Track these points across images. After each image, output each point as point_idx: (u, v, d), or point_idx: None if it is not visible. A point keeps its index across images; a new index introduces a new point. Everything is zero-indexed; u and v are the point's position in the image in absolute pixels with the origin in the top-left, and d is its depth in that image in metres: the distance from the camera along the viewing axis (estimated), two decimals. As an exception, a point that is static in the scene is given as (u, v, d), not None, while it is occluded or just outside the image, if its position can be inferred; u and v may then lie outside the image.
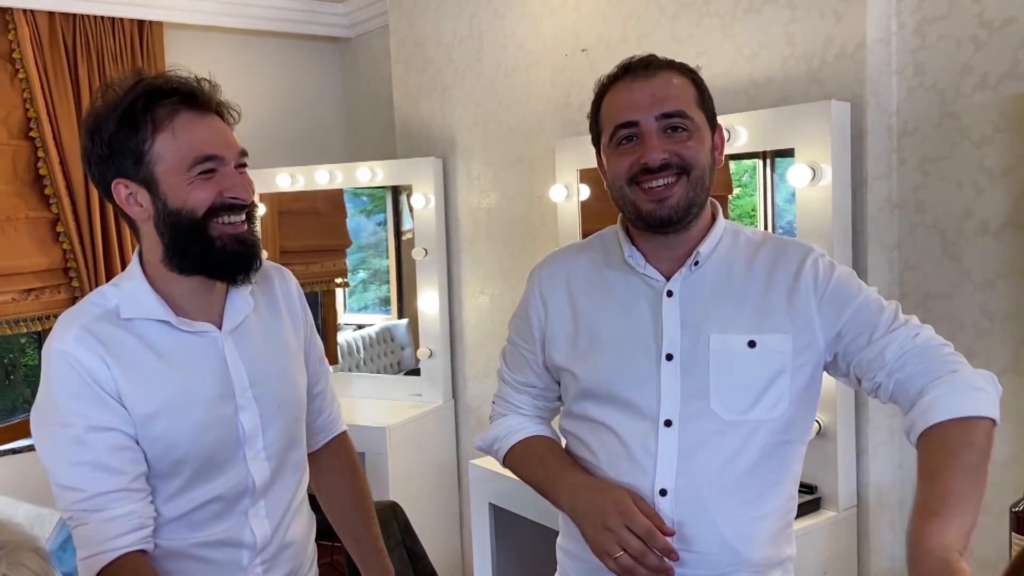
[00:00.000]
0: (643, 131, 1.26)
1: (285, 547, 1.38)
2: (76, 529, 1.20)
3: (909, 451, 2.06)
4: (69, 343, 1.21)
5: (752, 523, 1.29)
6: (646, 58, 1.32)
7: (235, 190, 1.24)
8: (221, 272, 1.27)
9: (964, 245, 1.96)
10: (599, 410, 1.33)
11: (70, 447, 1.19)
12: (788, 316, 1.29)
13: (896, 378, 1.22)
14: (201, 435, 1.26)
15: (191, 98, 1.23)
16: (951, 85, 1.95)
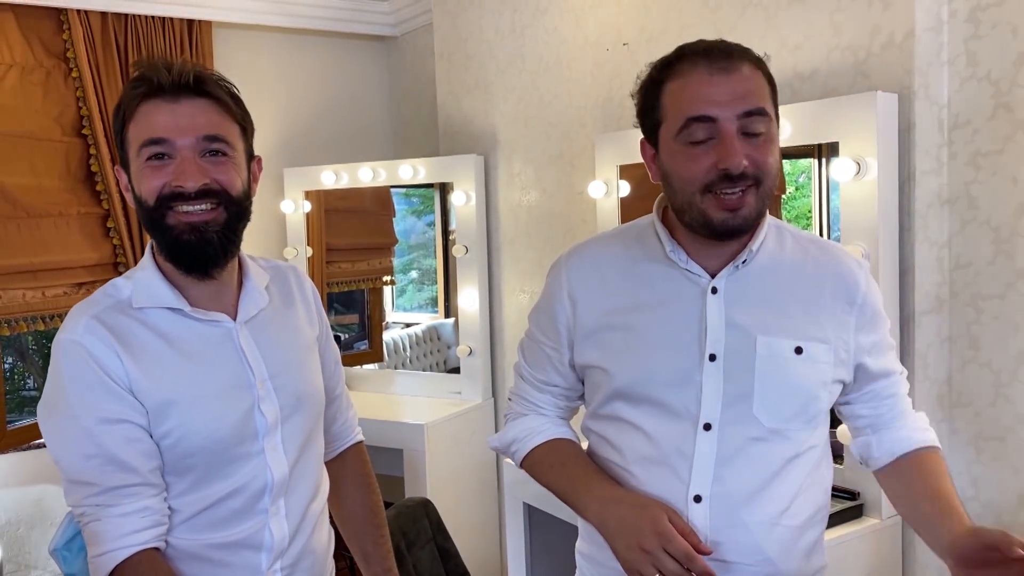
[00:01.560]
0: (722, 131, 1.16)
1: (305, 555, 1.34)
2: (88, 526, 1.18)
3: (956, 458, 1.98)
4: (80, 333, 1.20)
5: (787, 532, 1.24)
6: (725, 46, 1.20)
7: (180, 177, 1.19)
8: (179, 262, 1.23)
9: (1018, 243, 1.87)
10: (632, 411, 1.27)
11: (80, 440, 1.18)
12: (832, 326, 1.25)
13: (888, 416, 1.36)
14: (216, 426, 1.23)
15: (155, 84, 1.20)
16: (1006, 75, 1.86)
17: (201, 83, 1.21)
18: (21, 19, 3.25)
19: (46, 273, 3.27)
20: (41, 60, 3.30)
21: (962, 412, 1.99)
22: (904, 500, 1.33)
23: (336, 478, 1.49)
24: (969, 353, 1.97)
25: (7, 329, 3.21)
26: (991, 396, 1.93)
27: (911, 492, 1.31)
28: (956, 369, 2.00)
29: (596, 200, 2.70)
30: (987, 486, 1.96)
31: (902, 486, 1.33)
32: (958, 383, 2.00)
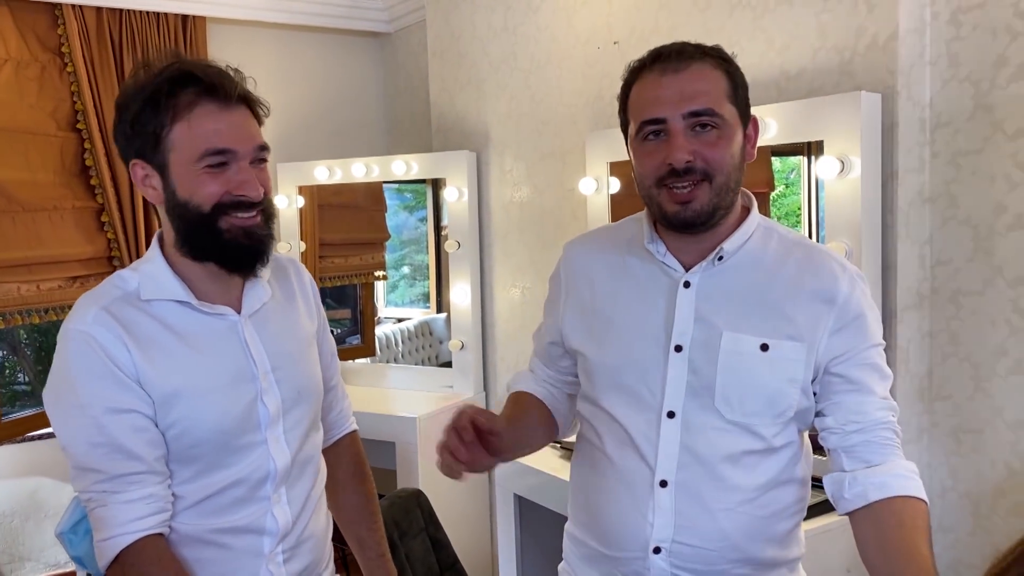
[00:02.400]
0: (670, 129, 1.21)
1: (305, 539, 1.38)
2: (94, 511, 1.21)
3: (938, 450, 2.03)
4: (88, 323, 1.22)
5: (754, 521, 1.27)
6: (679, 46, 1.26)
7: (244, 187, 1.23)
8: (227, 263, 1.27)
9: (997, 240, 1.91)
10: (606, 396, 1.33)
11: (88, 428, 1.20)
12: (807, 325, 1.26)
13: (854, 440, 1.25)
14: (221, 417, 1.26)
15: (213, 89, 1.22)
16: (985, 76, 1.91)
17: (246, 92, 1.26)
18: (16, 14, 3.27)
19: (41, 267, 3.30)
20: (36, 55, 3.32)
21: (942, 405, 2.04)
22: (872, 549, 1.19)
23: (331, 466, 1.52)
24: (949, 348, 2.02)
25: (2, 322, 3.23)
26: (970, 389, 1.98)
27: (884, 544, 1.18)
28: (936, 363, 2.05)
29: (587, 196, 2.74)
30: (965, 477, 2.01)
31: (874, 542, 1.19)
32: (938, 377, 2.04)
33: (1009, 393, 1.91)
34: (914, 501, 1.21)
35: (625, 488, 1.29)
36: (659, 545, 1.26)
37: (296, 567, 1.36)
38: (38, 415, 3.51)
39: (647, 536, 1.26)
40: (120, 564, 1.19)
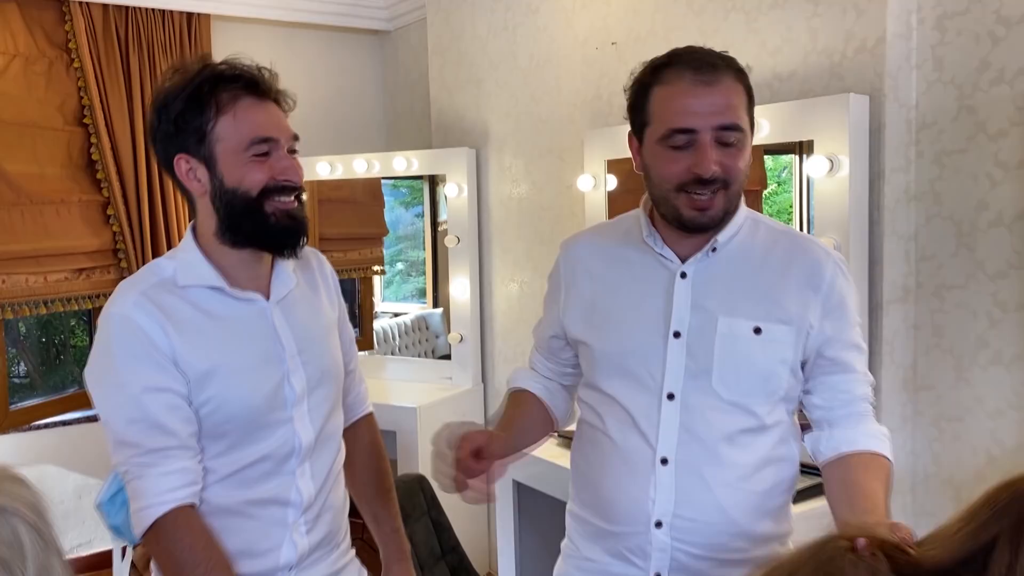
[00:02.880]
0: (699, 140, 1.27)
1: (326, 511, 1.46)
2: (131, 482, 1.28)
3: (921, 437, 2.12)
4: (129, 307, 1.29)
5: (751, 497, 1.36)
6: (709, 57, 1.30)
7: (287, 173, 1.33)
8: (272, 244, 1.36)
9: (979, 236, 2.00)
10: (608, 381, 1.41)
11: (127, 405, 1.28)
12: (796, 309, 1.35)
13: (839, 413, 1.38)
14: (251, 395, 1.34)
15: (252, 85, 1.32)
16: (969, 80, 1.99)
17: (278, 89, 1.36)
18: (24, 10, 3.34)
19: (48, 259, 3.37)
20: (44, 50, 3.39)
21: (926, 394, 2.13)
22: (835, 495, 1.33)
23: (349, 447, 1.60)
24: (932, 339, 2.11)
25: (10, 313, 3.30)
26: (952, 379, 2.07)
27: (844, 482, 1.31)
28: (920, 354, 2.13)
29: (584, 193, 2.82)
30: (947, 463, 2.09)
31: (837, 482, 1.33)
32: (922, 367, 2.13)
33: (989, 383, 2.00)
34: (879, 456, 1.34)
35: (627, 467, 1.37)
36: (660, 520, 1.34)
37: (317, 537, 1.44)
38: (44, 404, 3.58)
39: (649, 511, 1.34)
40: (155, 531, 1.27)
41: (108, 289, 3.59)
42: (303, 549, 1.41)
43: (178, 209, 3.62)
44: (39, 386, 3.67)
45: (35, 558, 0.88)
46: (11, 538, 0.87)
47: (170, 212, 3.60)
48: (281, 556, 1.38)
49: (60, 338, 4.17)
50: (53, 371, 4.01)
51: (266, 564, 1.37)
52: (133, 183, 3.52)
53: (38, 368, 4.03)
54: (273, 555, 1.38)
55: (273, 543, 1.38)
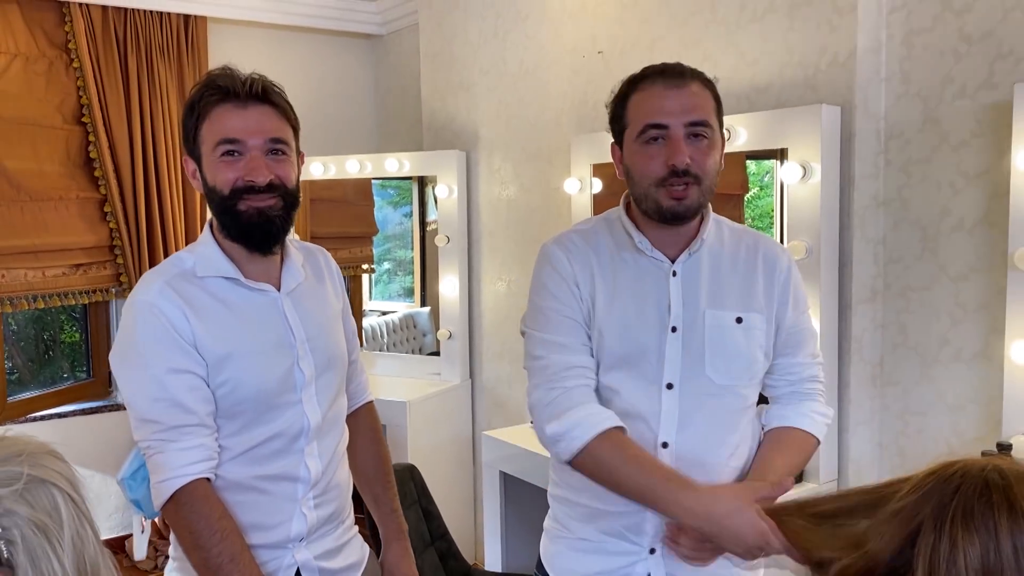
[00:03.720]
0: (672, 135, 1.41)
1: (332, 488, 1.56)
2: (152, 457, 1.38)
3: (888, 431, 2.24)
4: (154, 295, 1.40)
5: (733, 472, 1.49)
6: (677, 66, 1.46)
7: (252, 173, 1.40)
8: (246, 240, 1.45)
9: (942, 241, 2.12)
10: (609, 375, 1.50)
11: (150, 385, 1.38)
12: (764, 298, 1.51)
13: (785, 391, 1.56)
14: (264, 378, 1.44)
15: (227, 92, 1.40)
16: (934, 93, 2.11)
17: (267, 93, 1.43)
18: (25, 11, 3.41)
19: (47, 254, 3.44)
20: (44, 50, 3.46)
21: (892, 390, 2.25)
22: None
23: (351, 432, 1.69)
24: (899, 338, 2.23)
25: (9, 306, 3.37)
26: (917, 376, 2.19)
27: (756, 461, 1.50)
28: (887, 352, 2.25)
29: (571, 196, 2.92)
30: (912, 455, 2.21)
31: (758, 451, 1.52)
32: (889, 364, 2.25)
33: (951, 379, 2.12)
34: (802, 433, 1.52)
35: None
36: None
37: (324, 512, 1.54)
38: (40, 396, 3.65)
39: None
40: (174, 502, 1.37)
41: (104, 285, 3.67)
42: (312, 522, 1.51)
43: (173, 207, 3.70)
44: (28, 381, 3.73)
45: (71, 526, 0.97)
46: (50, 507, 0.96)
47: (166, 210, 3.68)
48: (292, 528, 1.49)
49: (50, 333, 4.23)
50: (44, 366, 4.07)
51: (278, 536, 1.48)
52: (130, 181, 3.60)
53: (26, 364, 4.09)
54: (284, 527, 1.48)
55: (284, 516, 1.48)
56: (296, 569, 1.51)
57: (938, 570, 0.92)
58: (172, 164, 3.69)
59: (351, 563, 1.61)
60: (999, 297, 1.98)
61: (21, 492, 0.93)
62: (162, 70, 3.67)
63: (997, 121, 1.98)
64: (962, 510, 0.93)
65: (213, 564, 1.35)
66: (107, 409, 3.79)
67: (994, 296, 2.01)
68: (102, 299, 3.71)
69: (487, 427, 3.38)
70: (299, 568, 1.51)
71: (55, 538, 0.95)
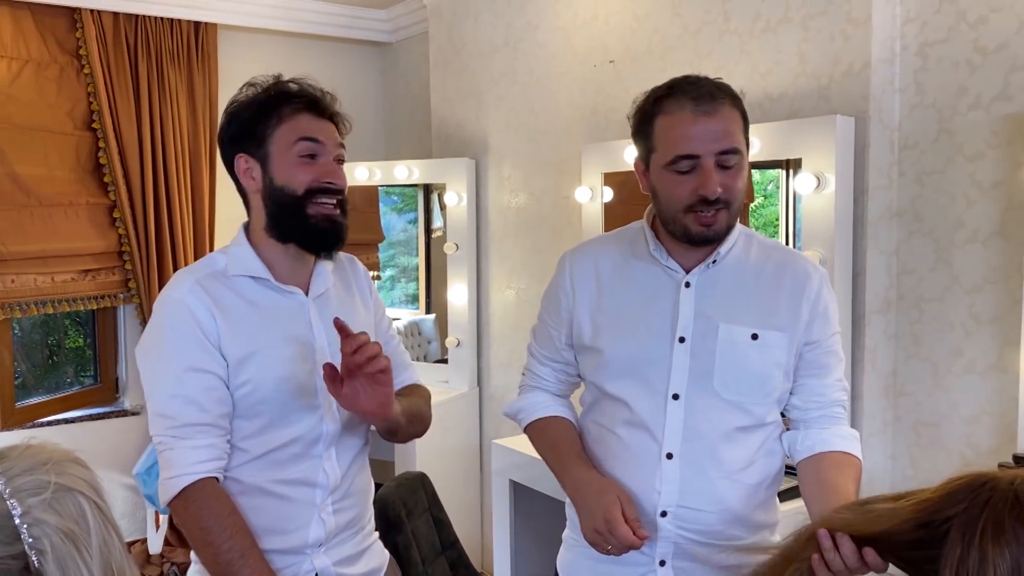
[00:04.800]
0: (703, 165, 1.39)
1: (351, 494, 1.56)
2: (163, 453, 1.40)
3: (900, 442, 2.23)
4: (184, 293, 1.42)
5: (744, 489, 1.48)
6: (708, 88, 1.41)
7: (330, 175, 1.46)
8: (311, 245, 1.48)
9: (956, 252, 2.12)
10: (616, 383, 1.51)
11: (169, 381, 1.40)
12: (787, 317, 1.48)
13: (814, 415, 1.52)
14: (285, 380, 1.45)
15: (313, 104, 1.49)
16: (948, 104, 2.12)
17: (334, 111, 1.52)
18: (37, 17, 3.42)
19: (56, 259, 3.45)
20: (55, 56, 3.47)
21: (904, 401, 2.24)
22: (809, 492, 1.46)
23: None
24: (912, 349, 2.23)
25: (19, 312, 3.37)
26: (930, 387, 2.19)
27: (817, 480, 1.44)
28: (900, 363, 2.25)
29: (582, 204, 2.93)
30: (925, 467, 2.21)
31: (812, 480, 1.46)
32: (901, 375, 2.25)
33: (964, 390, 2.12)
34: (850, 456, 1.49)
35: (635, 461, 1.48)
36: (666, 509, 1.45)
37: (343, 518, 1.54)
38: (47, 402, 3.65)
39: (655, 502, 1.45)
40: (183, 499, 1.38)
41: (112, 291, 3.67)
42: (330, 528, 1.52)
43: (182, 213, 3.70)
44: (32, 386, 3.73)
45: (97, 533, 0.97)
46: (77, 515, 0.96)
47: (175, 216, 3.68)
48: (310, 534, 1.49)
49: (54, 339, 4.23)
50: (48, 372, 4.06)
51: (296, 541, 1.48)
52: (139, 187, 3.60)
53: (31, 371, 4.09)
54: (302, 533, 1.48)
55: (302, 522, 1.48)
56: (315, 575, 1.51)
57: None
58: (181, 170, 3.70)
59: (370, 569, 1.61)
60: (1014, 309, 1.98)
61: (49, 501, 0.93)
62: (172, 77, 3.68)
63: (1012, 132, 1.99)
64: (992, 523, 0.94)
65: (223, 560, 1.37)
66: (114, 415, 3.78)
67: (1009, 308, 2.01)
68: (110, 304, 3.71)
69: (495, 435, 3.37)
70: (317, 574, 1.51)
71: (83, 545, 0.95)
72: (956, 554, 0.95)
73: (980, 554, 0.93)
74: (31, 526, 0.91)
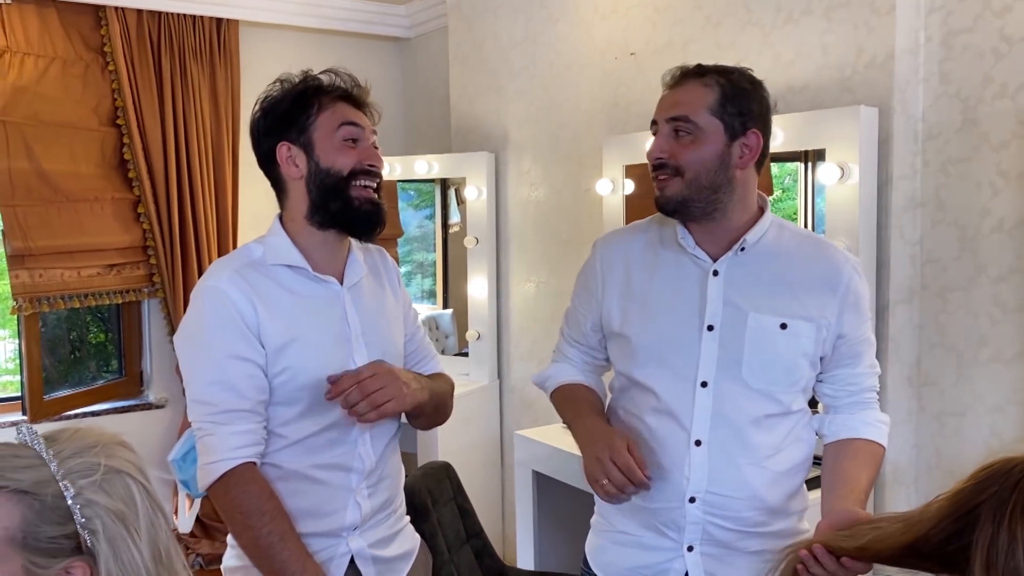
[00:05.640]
0: (658, 131, 1.49)
1: (384, 477, 1.60)
2: (203, 439, 1.43)
3: (924, 431, 2.24)
4: (224, 282, 1.45)
5: (772, 476, 1.49)
6: (685, 68, 1.52)
7: (372, 158, 1.52)
8: (353, 226, 1.52)
9: (981, 242, 2.12)
10: (644, 370, 1.53)
11: (209, 368, 1.43)
12: (816, 307, 1.48)
13: (845, 402, 1.55)
14: (322, 367, 1.48)
15: (348, 95, 1.54)
16: (973, 94, 2.11)
17: (368, 102, 1.57)
18: (63, 15, 3.46)
19: (82, 254, 3.50)
20: (81, 54, 3.51)
21: (929, 391, 2.25)
22: (825, 477, 1.51)
23: None
24: (936, 338, 2.23)
25: (47, 306, 3.42)
26: (954, 376, 2.19)
27: (834, 468, 1.50)
28: (924, 352, 2.25)
29: (603, 197, 2.94)
30: (949, 456, 2.21)
31: (830, 466, 1.51)
32: (926, 365, 2.25)
33: (989, 380, 2.12)
34: (872, 444, 1.52)
35: (663, 449, 1.49)
36: (694, 495, 1.47)
37: (377, 501, 1.58)
38: (75, 395, 3.70)
39: (684, 489, 1.47)
40: (223, 483, 1.41)
41: (137, 285, 3.72)
42: (366, 511, 1.55)
43: (205, 208, 3.74)
44: (56, 380, 3.78)
45: (145, 514, 1.00)
46: (126, 496, 0.99)
47: (198, 210, 3.72)
48: (346, 517, 1.52)
49: (77, 333, 4.28)
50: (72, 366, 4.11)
51: (332, 524, 1.51)
52: (163, 182, 3.64)
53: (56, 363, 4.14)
54: (339, 516, 1.52)
55: (339, 505, 1.52)
56: (350, 557, 1.54)
57: (996, 563, 0.93)
58: (204, 165, 3.73)
59: (403, 551, 1.64)
60: (1040, 298, 1.98)
61: (99, 483, 0.96)
62: (195, 73, 3.71)
63: (1038, 121, 1.99)
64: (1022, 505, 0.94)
65: (263, 543, 1.39)
66: (139, 408, 3.83)
67: (1035, 297, 2.01)
68: (135, 299, 3.75)
69: (516, 427, 3.39)
70: (353, 556, 1.54)
71: (132, 526, 0.98)
72: (987, 536, 0.95)
73: (1010, 535, 0.94)
74: (83, 507, 0.94)
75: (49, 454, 0.95)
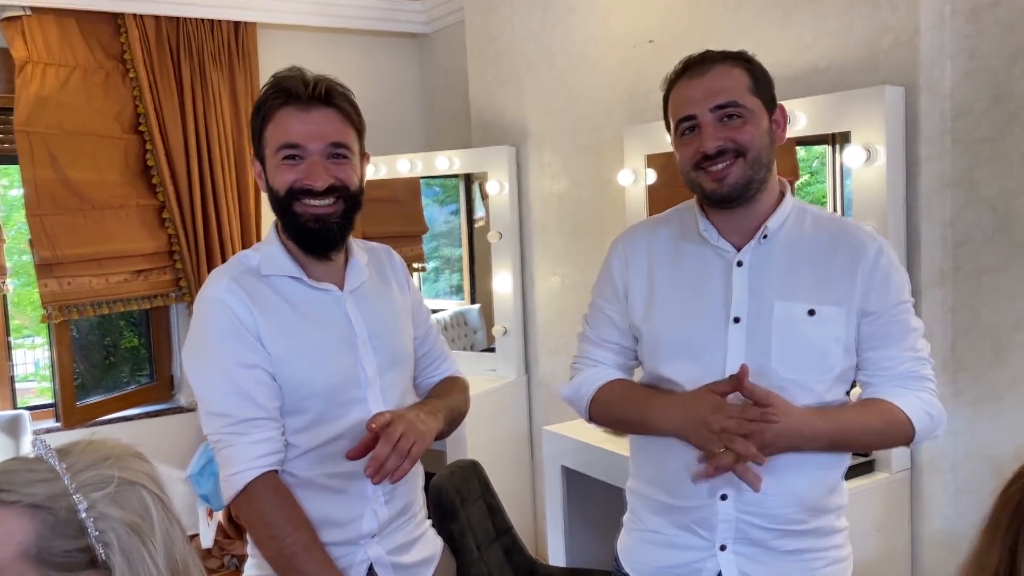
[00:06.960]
0: (700, 123, 1.42)
1: (400, 484, 1.55)
2: (222, 451, 1.41)
3: (960, 417, 2.18)
4: (222, 292, 1.43)
5: (809, 470, 1.44)
6: (702, 54, 1.46)
7: (309, 178, 1.41)
8: (304, 244, 1.47)
9: (1016, 220, 2.06)
10: (670, 366, 1.49)
11: (221, 379, 1.41)
12: (844, 291, 1.43)
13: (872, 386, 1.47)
14: (328, 374, 1.45)
15: (290, 95, 1.41)
16: (1003, 69, 2.05)
17: (330, 96, 1.43)
18: (83, 24, 3.49)
19: (109, 261, 3.53)
20: (101, 62, 3.54)
21: (964, 376, 2.19)
22: None
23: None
24: (970, 322, 2.17)
25: (76, 313, 3.45)
26: (990, 360, 2.13)
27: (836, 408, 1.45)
28: (959, 336, 2.19)
29: (625, 187, 2.90)
30: (987, 442, 2.15)
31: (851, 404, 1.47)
32: (960, 349, 2.19)
33: (1027, 363, 2.06)
34: (896, 409, 1.42)
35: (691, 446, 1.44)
36: (726, 493, 1.43)
37: (395, 507, 1.55)
38: (107, 401, 3.75)
39: (715, 485, 1.43)
40: (247, 494, 1.39)
41: (165, 290, 3.75)
42: (383, 519, 1.52)
43: (229, 211, 3.76)
44: (90, 386, 3.82)
45: (161, 526, 0.99)
46: (141, 508, 0.98)
47: (222, 214, 3.74)
48: (364, 525, 1.50)
49: (111, 339, 4.33)
50: (105, 372, 4.16)
51: (350, 532, 1.49)
52: (187, 187, 3.67)
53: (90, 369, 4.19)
54: (356, 524, 1.49)
55: (355, 513, 1.49)
56: (369, 565, 1.52)
57: None
58: (227, 169, 3.75)
59: (424, 558, 1.62)
60: (1078, 277, 1.91)
61: (113, 495, 0.95)
62: (215, 76, 3.73)
63: (1072, 95, 1.92)
64: None
65: (287, 553, 1.37)
66: (171, 412, 3.87)
67: (1073, 276, 1.94)
68: (163, 304, 3.78)
69: (544, 422, 3.37)
70: (372, 564, 1.52)
71: (148, 538, 0.97)
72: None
73: None
74: (97, 520, 0.93)
75: (62, 467, 0.94)
